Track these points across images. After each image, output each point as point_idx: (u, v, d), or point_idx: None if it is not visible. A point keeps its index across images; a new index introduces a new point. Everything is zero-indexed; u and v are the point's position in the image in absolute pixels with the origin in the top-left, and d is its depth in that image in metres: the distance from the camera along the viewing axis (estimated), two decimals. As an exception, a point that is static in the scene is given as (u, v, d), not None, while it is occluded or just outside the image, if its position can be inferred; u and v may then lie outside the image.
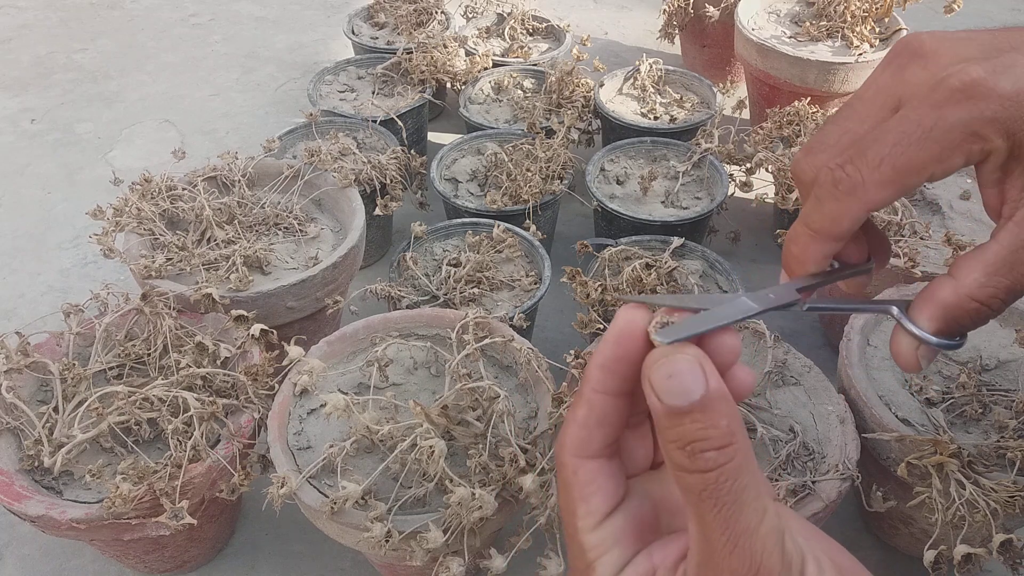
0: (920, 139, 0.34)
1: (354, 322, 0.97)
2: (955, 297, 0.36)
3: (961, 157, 0.34)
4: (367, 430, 0.81)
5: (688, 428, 0.28)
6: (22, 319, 1.35)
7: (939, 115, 0.34)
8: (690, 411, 0.28)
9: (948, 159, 0.34)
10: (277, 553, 1.02)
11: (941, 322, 0.37)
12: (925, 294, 0.37)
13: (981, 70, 0.33)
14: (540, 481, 0.72)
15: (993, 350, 0.96)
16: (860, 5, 1.55)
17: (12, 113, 1.92)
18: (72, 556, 1.02)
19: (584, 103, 1.54)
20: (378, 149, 1.41)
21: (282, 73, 2.10)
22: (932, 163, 0.34)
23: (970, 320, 0.36)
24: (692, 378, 0.28)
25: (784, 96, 1.54)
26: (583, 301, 1.04)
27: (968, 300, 0.36)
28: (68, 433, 0.85)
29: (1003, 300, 0.35)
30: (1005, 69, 0.33)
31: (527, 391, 0.91)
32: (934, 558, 0.73)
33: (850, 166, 0.35)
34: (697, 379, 0.28)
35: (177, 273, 1.06)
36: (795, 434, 0.85)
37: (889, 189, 0.35)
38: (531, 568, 0.72)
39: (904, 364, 0.38)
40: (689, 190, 1.36)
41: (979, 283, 0.35)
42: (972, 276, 0.36)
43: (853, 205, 0.36)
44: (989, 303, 0.36)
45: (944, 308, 0.36)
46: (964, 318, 0.36)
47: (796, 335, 1.32)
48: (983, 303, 0.36)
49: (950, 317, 0.36)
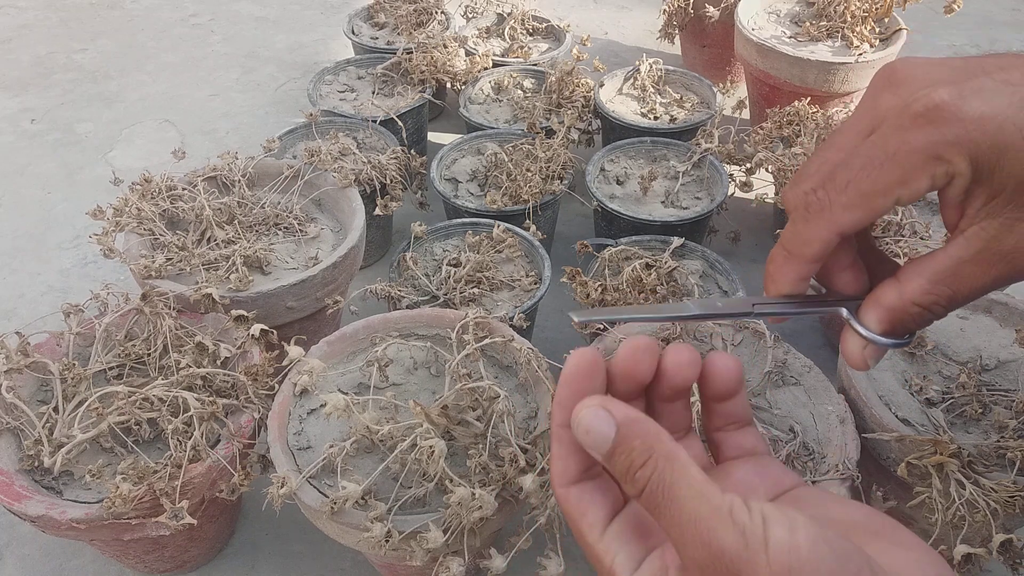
0: (884, 162, 0.36)
1: (354, 322, 0.97)
2: (899, 301, 0.38)
3: (926, 180, 0.35)
4: (367, 430, 0.81)
5: (620, 462, 0.31)
6: (22, 319, 1.35)
7: (902, 139, 0.35)
8: (613, 451, 0.31)
9: (912, 182, 0.35)
10: (277, 553, 1.02)
11: (887, 324, 0.38)
12: (872, 297, 0.39)
13: (946, 94, 0.34)
14: (540, 481, 0.72)
15: (993, 350, 0.96)
16: (860, 5, 1.55)
17: (12, 113, 1.92)
18: (72, 556, 1.02)
19: (584, 103, 1.54)
20: (378, 149, 1.41)
21: (282, 73, 2.10)
22: (896, 186, 0.35)
23: (913, 322, 0.38)
24: (601, 424, 0.31)
25: (784, 96, 1.54)
26: (583, 301, 1.04)
27: (911, 305, 0.37)
28: (68, 433, 0.85)
29: (944, 307, 0.37)
30: (972, 93, 0.34)
31: (527, 391, 0.91)
32: (934, 558, 0.73)
33: (820, 191, 0.37)
34: (605, 423, 0.31)
35: (177, 273, 1.06)
36: (795, 434, 0.86)
37: (856, 212, 0.37)
38: (531, 568, 0.72)
39: (852, 363, 0.40)
40: (689, 190, 1.36)
41: (923, 289, 0.37)
42: (917, 282, 0.37)
43: (821, 226, 0.38)
44: (931, 308, 0.37)
45: (889, 311, 0.38)
46: (908, 321, 0.38)
47: (796, 335, 1.32)
48: (925, 308, 0.37)
49: (895, 319, 0.38)
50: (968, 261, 0.36)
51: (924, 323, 0.38)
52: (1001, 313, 0.99)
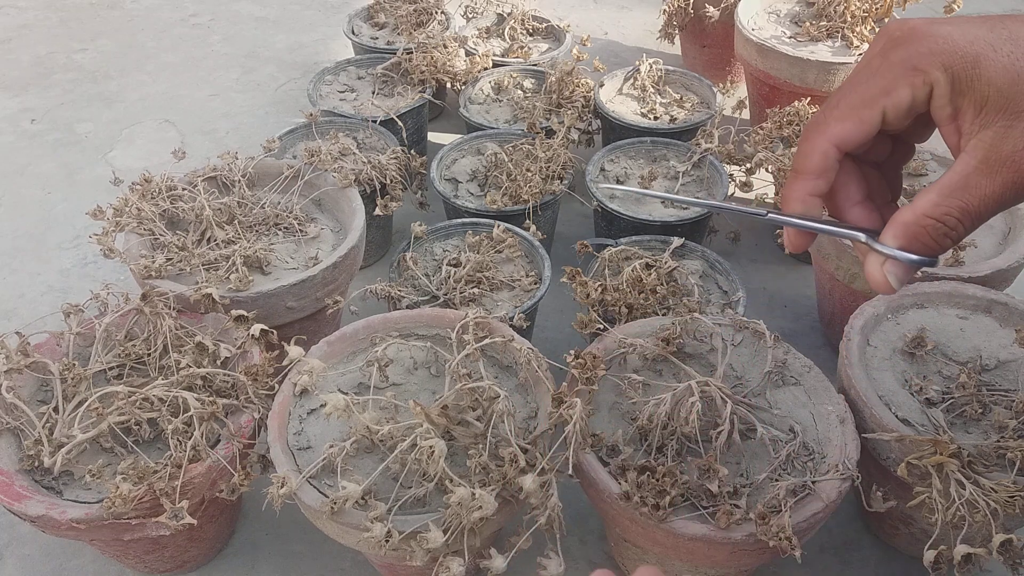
0: (868, 78, 0.42)
1: (354, 322, 0.97)
2: (912, 216, 0.42)
3: (906, 89, 0.41)
4: (367, 430, 0.81)
5: None
6: (22, 319, 1.35)
7: (884, 58, 0.42)
8: None
9: (894, 92, 0.41)
10: (277, 553, 1.02)
11: (902, 239, 0.42)
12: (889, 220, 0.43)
13: (920, 22, 0.41)
14: (540, 481, 0.72)
15: (993, 350, 0.96)
16: (860, 5, 1.55)
17: (12, 113, 1.92)
18: (72, 556, 1.02)
19: (584, 103, 1.54)
20: (378, 149, 1.41)
21: (282, 73, 2.10)
22: (880, 96, 0.41)
23: (928, 236, 0.42)
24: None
25: (784, 96, 1.54)
26: (583, 301, 1.04)
27: (923, 218, 0.41)
28: (68, 433, 0.85)
29: (957, 219, 0.41)
30: (946, 22, 0.40)
31: (527, 391, 0.91)
32: (934, 558, 0.73)
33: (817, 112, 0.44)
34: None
35: (177, 273, 1.06)
36: (795, 434, 0.86)
37: (846, 122, 0.43)
38: (531, 568, 0.72)
39: (875, 282, 0.44)
40: (689, 190, 1.36)
41: (934, 203, 0.41)
42: (928, 198, 0.41)
43: (817, 139, 0.44)
44: (943, 219, 0.41)
45: (904, 226, 0.42)
46: (923, 235, 0.42)
47: (796, 335, 1.32)
48: (937, 219, 0.41)
49: (910, 233, 0.42)
50: (973, 172, 0.40)
51: (941, 238, 0.41)
52: (1001, 313, 0.99)
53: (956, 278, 1.03)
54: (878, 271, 0.43)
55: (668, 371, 0.95)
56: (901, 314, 1.01)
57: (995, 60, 0.38)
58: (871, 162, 0.48)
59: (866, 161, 0.48)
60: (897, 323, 1.00)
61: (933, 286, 1.02)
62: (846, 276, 1.11)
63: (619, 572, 0.97)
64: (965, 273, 1.04)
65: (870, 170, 0.48)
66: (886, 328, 0.99)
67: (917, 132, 0.47)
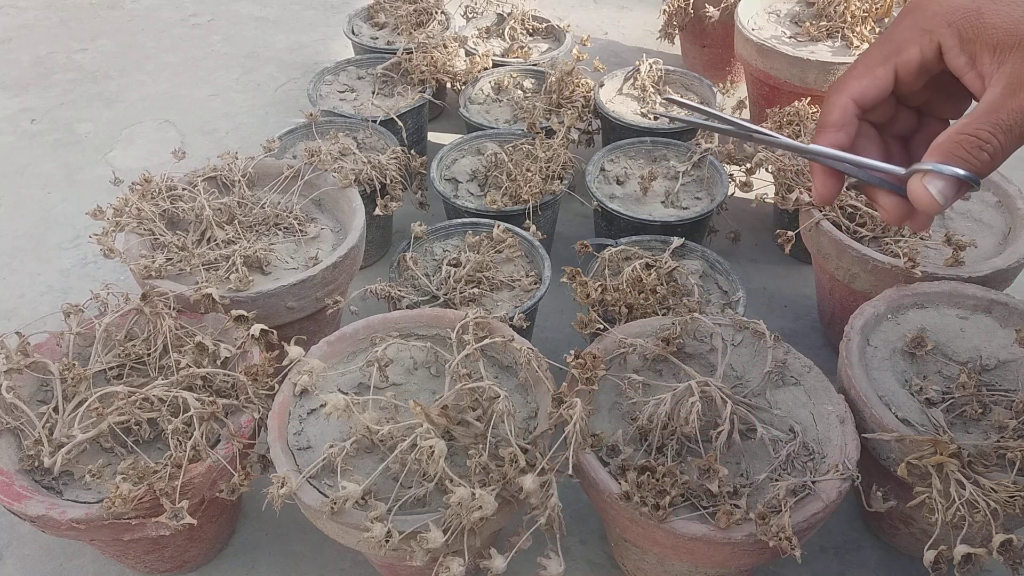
0: (882, 41, 0.48)
1: (354, 322, 0.97)
2: (947, 135, 0.45)
3: (915, 48, 0.47)
4: (367, 430, 0.81)
5: None
6: (22, 319, 1.35)
7: (896, 24, 0.48)
8: None
9: (904, 51, 0.47)
10: (277, 553, 1.02)
11: (939, 154, 0.45)
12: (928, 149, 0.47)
13: None
14: (540, 481, 0.72)
15: (993, 350, 0.96)
16: (860, 5, 1.55)
17: (12, 113, 1.92)
18: (72, 556, 1.02)
19: (584, 103, 1.54)
20: (378, 149, 1.41)
21: (282, 73, 2.10)
22: (892, 55, 0.47)
23: (964, 151, 0.44)
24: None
25: (784, 96, 1.54)
26: (583, 301, 1.04)
27: (957, 135, 0.45)
28: (68, 433, 0.85)
29: (990, 132, 0.44)
30: None
31: (527, 391, 0.91)
32: (934, 558, 0.73)
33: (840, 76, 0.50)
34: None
35: (177, 273, 1.06)
36: (795, 434, 0.85)
37: (862, 79, 0.48)
38: (531, 568, 0.72)
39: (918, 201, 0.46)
40: (689, 190, 1.36)
41: (965, 123, 0.45)
42: (961, 121, 0.45)
43: (836, 95, 0.49)
44: (976, 133, 0.44)
45: (939, 145, 0.45)
46: (958, 148, 0.45)
47: (796, 335, 1.32)
48: (971, 134, 0.44)
49: (946, 150, 0.45)
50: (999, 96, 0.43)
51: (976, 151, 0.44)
52: (1001, 313, 0.99)
53: (956, 278, 1.03)
54: (920, 186, 0.45)
55: (668, 371, 0.95)
56: (901, 314, 1.01)
57: (996, 10, 0.43)
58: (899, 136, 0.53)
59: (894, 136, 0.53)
60: (897, 323, 1.00)
61: (933, 286, 1.02)
62: (846, 276, 1.11)
63: (619, 572, 0.97)
64: (965, 273, 1.04)
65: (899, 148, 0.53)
66: (886, 328, 0.99)
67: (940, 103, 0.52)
